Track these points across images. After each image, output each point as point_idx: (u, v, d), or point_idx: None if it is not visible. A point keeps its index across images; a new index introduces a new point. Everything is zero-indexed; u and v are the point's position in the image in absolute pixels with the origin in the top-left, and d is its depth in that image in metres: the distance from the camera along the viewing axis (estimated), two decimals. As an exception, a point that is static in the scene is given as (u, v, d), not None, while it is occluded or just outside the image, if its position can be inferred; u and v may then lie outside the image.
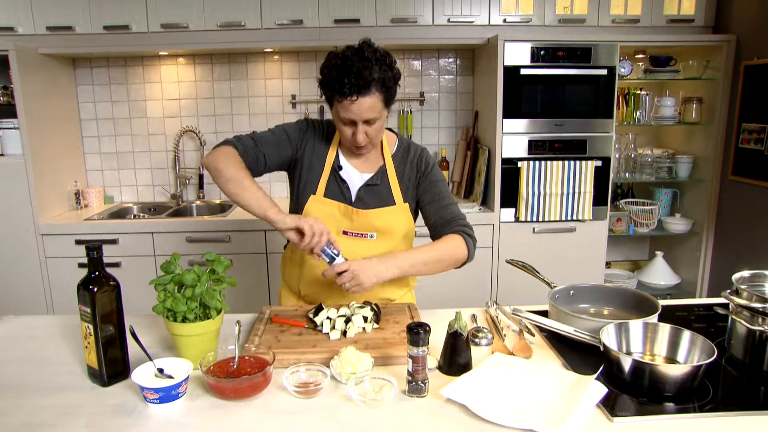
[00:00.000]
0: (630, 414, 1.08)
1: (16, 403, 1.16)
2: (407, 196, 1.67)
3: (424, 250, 1.55)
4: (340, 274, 1.44)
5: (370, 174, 1.66)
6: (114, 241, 2.89)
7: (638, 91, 3.24)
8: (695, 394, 1.14)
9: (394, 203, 1.65)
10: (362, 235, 1.65)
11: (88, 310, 1.19)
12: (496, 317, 1.53)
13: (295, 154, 1.66)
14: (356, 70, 1.43)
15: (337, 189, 1.64)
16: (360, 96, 1.45)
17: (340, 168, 1.65)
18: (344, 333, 1.40)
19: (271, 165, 1.64)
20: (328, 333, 1.40)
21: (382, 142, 1.67)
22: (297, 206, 1.68)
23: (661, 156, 3.29)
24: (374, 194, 1.65)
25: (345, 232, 1.65)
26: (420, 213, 1.72)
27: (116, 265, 2.90)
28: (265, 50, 3.28)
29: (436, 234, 1.66)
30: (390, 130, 1.74)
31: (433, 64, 3.41)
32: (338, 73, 1.44)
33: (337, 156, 1.66)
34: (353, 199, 1.65)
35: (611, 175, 3.02)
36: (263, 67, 3.37)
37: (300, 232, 1.46)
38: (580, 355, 1.31)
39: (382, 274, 1.46)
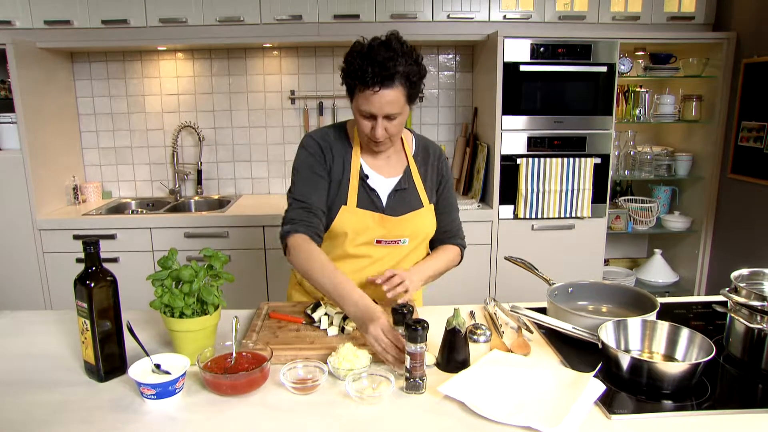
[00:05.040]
0: (628, 411, 1.08)
1: (12, 398, 1.15)
2: (431, 197, 1.67)
3: (435, 263, 1.65)
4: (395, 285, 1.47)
5: (397, 177, 1.62)
6: (112, 237, 2.89)
7: (638, 89, 3.23)
8: (693, 391, 1.14)
9: (422, 206, 1.63)
10: (395, 242, 1.61)
11: (85, 305, 1.19)
12: (495, 314, 1.53)
13: (329, 178, 1.59)
14: (381, 59, 1.38)
15: (367, 198, 1.58)
16: (383, 87, 1.40)
17: (367, 177, 1.60)
18: (342, 329, 1.40)
19: (326, 204, 1.57)
20: (325, 329, 1.40)
21: (403, 141, 1.64)
22: (328, 217, 1.58)
23: (661, 154, 3.28)
24: (403, 199, 1.61)
25: (378, 241, 1.60)
26: None
27: (114, 260, 2.89)
28: (264, 45, 3.27)
29: (438, 242, 1.72)
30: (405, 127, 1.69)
31: (432, 61, 3.40)
32: (362, 61, 1.40)
33: (360, 164, 1.61)
34: (384, 207, 1.60)
35: (610, 173, 3.02)
36: (262, 63, 3.36)
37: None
38: (578, 352, 1.31)
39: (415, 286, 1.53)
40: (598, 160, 2.96)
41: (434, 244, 1.73)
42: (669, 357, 1.25)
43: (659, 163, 3.26)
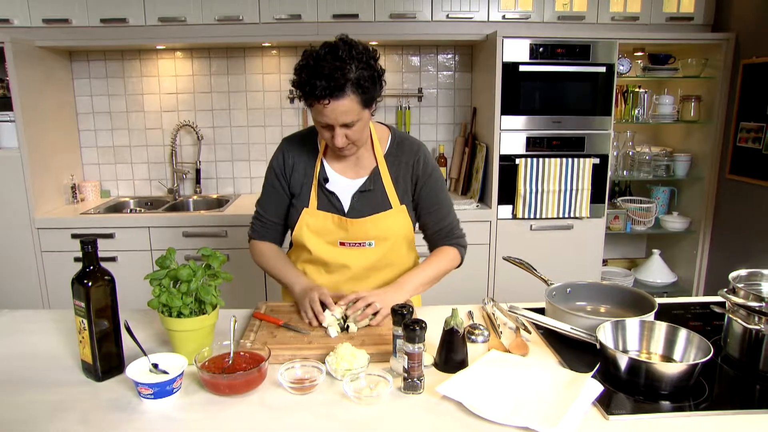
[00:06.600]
0: (626, 412, 1.08)
1: (9, 397, 1.15)
2: (404, 198, 1.62)
3: (427, 269, 1.61)
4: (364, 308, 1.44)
5: (363, 179, 1.61)
6: (110, 236, 2.88)
7: (637, 89, 3.23)
8: (691, 392, 1.14)
9: (390, 207, 1.60)
10: (360, 244, 1.61)
11: (83, 304, 1.19)
12: (493, 314, 1.53)
13: (289, 189, 1.65)
14: (328, 71, 1.34)
15: (327, 201, 1.61)
16: (333, 99, 1.36)
17: (326, 181, 1.61)
18: (346, 328, 1.40)
19: (284, 215, 1.68)
20: (326, 328, 1.40)
21: (373, 140, 1.61)
22: (293, 219, 1.64)
23: (659, 154, 3.28)
24: (368, 201, 1.60)
25: (342, 243, 1.61)
26: (418, 218, 1.69)
27: (112, 259, 2.89)
28: (263, 45, 3.27)
29: (433, 244, 1.70)
30: (381, 123, 1.68)
31: (431, 60, 3.40)
32: (309, 75, 1.36)
33: (322, 168, 1.62)
34: (346, 209, 1.60)
35: (609, 173, 3.02)
36: (261, 62, 3.35)
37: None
38: (576, 352, 1.31)
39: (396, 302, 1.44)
40: (596, 161, 2.96)
41: (431, 246, 1.72)
42: (667, 357, 1.25)
43: (658, 163, 3.26)
